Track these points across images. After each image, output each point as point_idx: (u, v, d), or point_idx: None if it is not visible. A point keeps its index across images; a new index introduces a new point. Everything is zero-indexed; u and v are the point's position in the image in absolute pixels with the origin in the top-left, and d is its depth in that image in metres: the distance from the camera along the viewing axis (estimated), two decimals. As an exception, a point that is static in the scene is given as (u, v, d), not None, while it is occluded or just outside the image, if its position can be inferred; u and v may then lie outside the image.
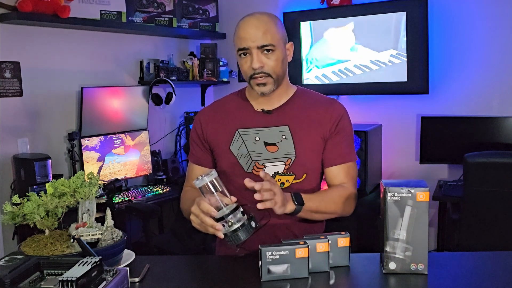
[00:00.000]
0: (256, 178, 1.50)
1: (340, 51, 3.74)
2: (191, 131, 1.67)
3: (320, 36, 3.79)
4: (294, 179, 1.54)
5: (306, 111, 1.58)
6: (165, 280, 1.30)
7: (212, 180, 1.26)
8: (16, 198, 1.26)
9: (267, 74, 1.48)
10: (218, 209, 1.27)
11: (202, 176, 1.26)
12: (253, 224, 1.27)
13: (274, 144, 1.54)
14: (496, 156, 2.68)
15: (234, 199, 1.28)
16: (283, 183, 1.53)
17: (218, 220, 1.26)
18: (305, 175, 1.55)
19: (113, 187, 3.10)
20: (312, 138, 1.55)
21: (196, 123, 1.65)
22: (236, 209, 1.27)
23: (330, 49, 3.78)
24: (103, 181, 3.20)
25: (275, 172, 1.53)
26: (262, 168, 1.53)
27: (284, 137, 1.54)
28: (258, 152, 1.54)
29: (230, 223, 1.25)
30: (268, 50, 1.47)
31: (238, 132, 1.56)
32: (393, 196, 1.25)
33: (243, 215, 1.28)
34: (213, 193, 1.26)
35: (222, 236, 1.26)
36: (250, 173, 1.53)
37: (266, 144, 1.54)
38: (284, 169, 1.53)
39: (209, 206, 1.27)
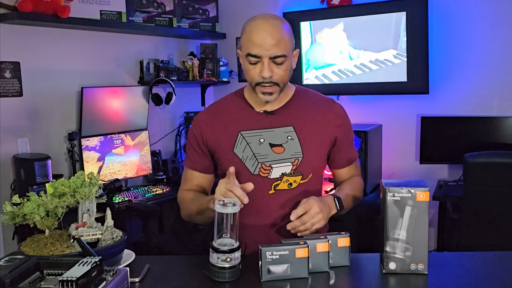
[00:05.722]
0: (262, 180, 1.50)
1: (337, 52, 3.75)
2: (189, 135, 1.63)
3: (318, 37, 3.79)
4: (301, 179, 1.53)
5: (308, 110, 1.57)
6: (165, 280, 1.30)
7: (235, 213, 1.24)
8: (16, 198, 1.26)
9: (274, 83, 1.46)
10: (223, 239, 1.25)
11: (227, 203, 1.23)
12: (239, 271, 1.26)
13: (280, 145, 1.52)
14: (496, 156, 2.67)
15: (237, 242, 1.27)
16: (290, 184, 1.53)
17: (217, 250, 1.23)
18: (311, 174, 1.55)
19: (113, 187, 3.10)
20: (318, 138, 1.55)
21: (194, 127, 1.61)
22: (238, 248, 1.24)
23: (327, 51, 3.78)
24: (103, 181, 3.20)
25: (282, 173, 1.52)
26: (269, 170, 1.51)
27: (289, 138, 1.52)
28: (264, 154, 1.51)
29: (224, 258, 1.22)
30: (279, 61, 1.44)
31: (241, 134, 1.53)
32: (393, 196, 1.25)
33: (239, 259, 1.25)
34: (227, 224, 1.24)
35: (246, 201, 1.30)
36: (257, 175, 1.51)
37: (272, 145, 1.52)
38: (291, 170, 1.52)
39: (242, 192, 1.31)
